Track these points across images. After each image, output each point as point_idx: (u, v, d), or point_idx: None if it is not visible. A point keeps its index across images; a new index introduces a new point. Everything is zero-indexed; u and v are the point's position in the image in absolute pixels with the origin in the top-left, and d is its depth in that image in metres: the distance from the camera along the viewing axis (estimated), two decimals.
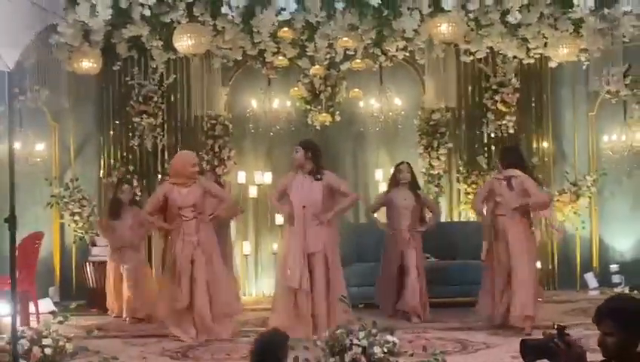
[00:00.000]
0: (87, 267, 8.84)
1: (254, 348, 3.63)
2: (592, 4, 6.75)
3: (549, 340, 3.25)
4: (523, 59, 8.98)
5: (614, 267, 9.27)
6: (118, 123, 9.67)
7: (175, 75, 9.57)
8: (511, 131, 9.46)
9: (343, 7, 6.95)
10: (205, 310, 6.66)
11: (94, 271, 8.78)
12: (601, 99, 9.19)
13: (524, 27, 7.85)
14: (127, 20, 7.20)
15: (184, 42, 7.24)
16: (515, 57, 9.08)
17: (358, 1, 6.94)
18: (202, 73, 9.61)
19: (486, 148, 9.52)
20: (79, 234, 9.14)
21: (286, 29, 7.78)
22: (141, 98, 9.42)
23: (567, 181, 9.43)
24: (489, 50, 8.92)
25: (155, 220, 6.98)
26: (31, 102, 8.37)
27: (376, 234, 8.18)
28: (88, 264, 8.84)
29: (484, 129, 9.57)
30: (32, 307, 7.62)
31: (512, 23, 7.14)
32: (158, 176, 9.48)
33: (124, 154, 9.60)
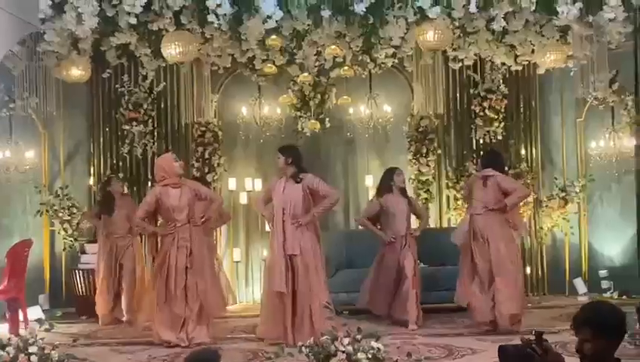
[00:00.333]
0: (77, 274, 8.84)
1: None
2: (577, 12, 6.77)
3: (527, 346, 3.28)
4: (511, 66, 9.04)
5: (603, 272, 9.27)
6: (107, 130, 9.68)
7: (165, 83, 9.59)
8: (499, 137, 9.53)
9: (329, 15, 6.97)
10: (196, 314, 6.70)
11: (84, 279, 8.78)
12: (588, 105, 9.23)
13: (511, 34, 7.89)
14: (114, 28, 7.20)
15: (172, 50, 7.25)
16: (503, 64, 9.14)
17: (345, 9, 6.96)
18: (192, 80, 9.64)
19: (475, 154, 9.54)
20: (69, 241, 9.13)
21: (274, 37, 7.81)
22: (131, 105, 9.44)
23: (556, 187, 9.47)
24: (476, 57, 8.98)
25: (147, 225, 6.98)
26: (20, 110, 8.37)
27: (366, 240, 8.20)
28: (78, 271, 8.84)
29: (473, 135, 9.62)
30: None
31: (497, 30, 7.16)
32: (149, 183, 9.49)
33: (114, 162, 9.62)
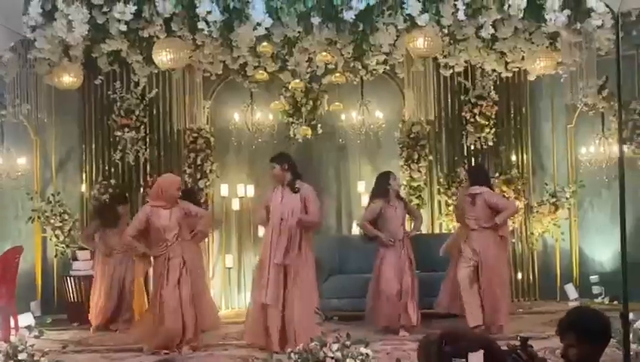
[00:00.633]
0: (68, 281, 8.83)
1: None
2: (565, 19, 6.81)
3: (512, 351, 3.31)
4: (501, 72, 9.09)
5: (594, 278, 9.29)
6: (99, 137, 9.69)
7: (157, 89, 9.60)
8: (490, 143, 9.57)
9: (319, 22, 6.99)
10: (192, 326, 6.72)
11: (75, 286, 8.77)
12: (578, 111, 9.27)
13: (501, 41, 7.94)
14: (105, 35, 7.22)
15: (163, 57, 7.26)
16: (493, 71, 9.19)
17: (335, 16, 6.98)
18: (184, 87, 9.65)
19: (466, 160, 9.59)
20: (61, 248, 9.13)
21: (265, 44, 7.84)
22: (123, 112, 9.45)
23: (547, 192, 9.51)
24: (467, 63, 9.02)
25: (137, 244, 6.89)
26: (12, 116, 8.37)
27: (358, 246, 8.22)
28: (69, 278, 8.83)
29: (464, 141, 9.66)
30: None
31: (486, 37, 7.20)
32: (140, 190, 9.51)
33: (106, 168, 9.62)
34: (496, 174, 9.51)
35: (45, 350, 5.56)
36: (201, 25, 6.71)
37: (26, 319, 8.19)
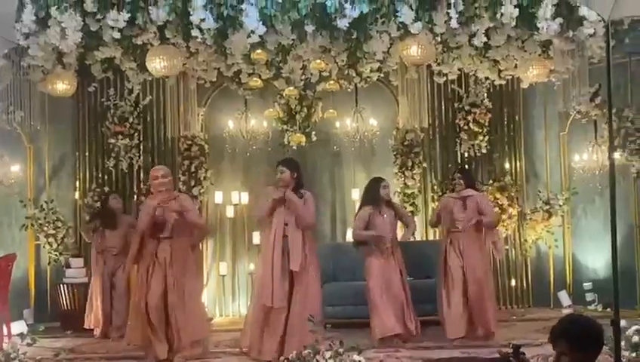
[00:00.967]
0: (62, 289, 8.81)
1: None
2: (557, 27, 6.85)
3: (505, 359, 3.31)
4: (494, 80, 9.12)
5: (587, 285, 9.31)
6: (93, 144, 9.69)
7: (151, 96, 9.62)
8: (484, 151, 9.61)
9: (313, 30, 7.01)
10: (178, 330, 6.58)
11: (69, 293, 8.75)
12: (571, 119, 9.31)
13: (494, 49, 7.97)
14: (99, 42, 7.22)
15: (157, 64, 7.26)
16: (487, 78, 9.22)
17: (328, 24, 7.00)
18: (178, 94, 9.66)
19: (460, 167, 9.60)
20: (54, 256, 9.10)
21: (260, 51, 7.85)
22: (117, 119, 9.46)
23: (540, 200, 9.54)
24: (460, 71, 9.05)
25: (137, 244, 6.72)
26: (5, 124, 8.36)
27: (353, 253, 8.20)
28: (63, 286, 8.81)
29: (458, 149, 9.69)
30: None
31: (479, 45, 7.23)
32: (134, 197, 9.50)
33: (100, 176, 9.62)
34: (490, 181, 9.55)
35: (38, 358, 5.56)
36: (194, 32, 6.72)
37: (18, 327, 8.16)
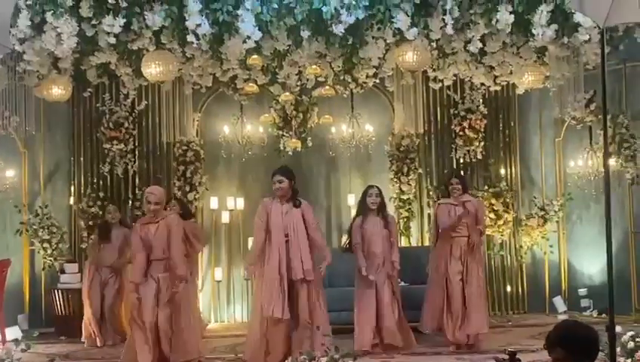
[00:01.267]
0: (56, 294, 8.77)
1: None
2: (552, 34, 6.87)
3: None
4: (490, 86, 9.14)
5: (583, 291, 9.32)
6: (88, 149, 9.67)
7: (146, 101, 9.61)
8: (479, 157, 9.62)
9: (308, 36, 7.02)
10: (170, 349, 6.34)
11: (63, 299, 8.71)
12: (567, 125, 9.33)
13: (489, 55, 7.99)
14: (94, 48, 7.22)
15: (152, 69, 7.26)
16: (482, 84, 9.25)
17: (324, 30, 7.01)
18: (173, 99, 9.67)
19: (455, 172, 9.57)
20: (48, 261, 9.07)
21: (255, 57, 7.85)
22: (112, 124, 9.44)
23: (535, 206, 9.54)
24: (456, 77, 9.08)
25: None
26: (1, 129, 8.34)
27: (348, 259, 8.18)
28: (57, 291, 8.77)
29: (454, 154, 9.71)
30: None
31: (474, 51, 7.25)
32: (129, 202, 9.48)
33: (95, 181, 9.60)
34: (485, 187, 9.56)
35: None
36: (190, 38, 6.73)
37: (13, 332, 8.14)
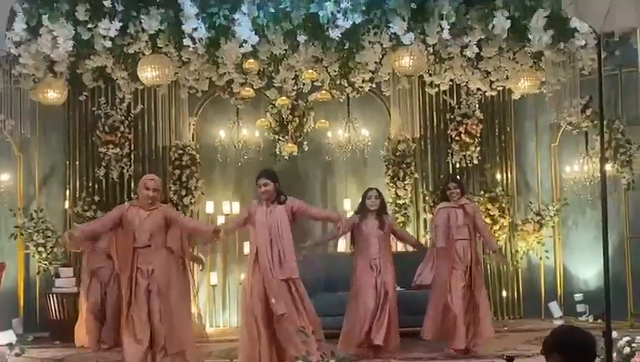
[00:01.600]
0: (51, 298, 8.73)
1: None
2: (548, 39, 6.88)
3: None
4: (486, 91, 9.14)
5: (578, 296, 9.33)
6: (84, 153, 9.64)
7: (142, 105, 9.60)
8: (475, 162, 9.64)
9: (305, 40, 7.02)
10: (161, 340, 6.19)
11: (58, 303, 8.68)
12: (562, 130, 9.34)
13: (485, 60, 8.00)
14: (90, 51, 7.20)
15: (148, 73, 7.25)
16: (478, 89, 9.25)
17: (321, 34, 7.01)
18: (169, 103, 9.65)
19: (452, 176, 9.58)
20: (43, 265, 9.04)
21: (251, 61, 7.85)
22: (107, 128, 9.42)
23: (531, 211, 9.56)
24: (452, 82, 9.08)
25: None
26: None
27: (345, 263, 8.17)
28: (52, 296, 8.74)
29: (450, 159, 9.71)
30: None
31: (470, 56, 7.26)
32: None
33: (90, 185, 9.57)
34: (481, 192, 9.57)
35: None
36: (186, 41, 6.72)
37: (7, 336, 8.11)
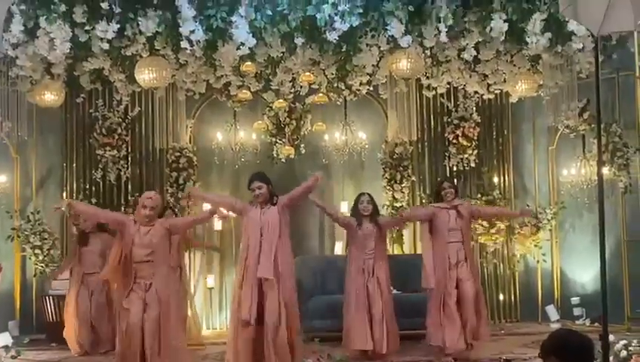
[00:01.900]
0: (47, 301, 8.71)
1: None
2: (546, 42, 6.89)
3: None
4: (483, 94, 9.16)
5: (575, 299, 9.33)
6: (81, 155, 9.63)
7: (139, 108, 9.59)
8: (472, 165, 9.64)
9: (302, 43, 7.02)
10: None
11: (54, 305, 8.65)
12: (560, 133, 9.35)
13: (483, 63, 8.01)
14: (88, 53, 7.20)
15: (145, 75, 7.25)
16: (475, 92, 9.26)
17: (318, 37, 7.01)
18: (167, 105, 9.65)
19: (447, 177, 9.58)
20: (40, 267, 9.02)
21: (249, 63, 7.85)
22: (105, 130, 9.41)
23: None
24: (449, 85, 9.09)
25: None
26: None
27: (341, 266, 8.17)
28: (48, 298, 8.71)
29: (447, 162, 9.71)
30: None
31: (468, 59, 7.27)
32: (122, 209, 9.43)
33: (87, 187, 9.55)
34: (479, 195, 9.57)
35: None
36: (184, 44, 6.72)
37: (3, 339, 8.09)
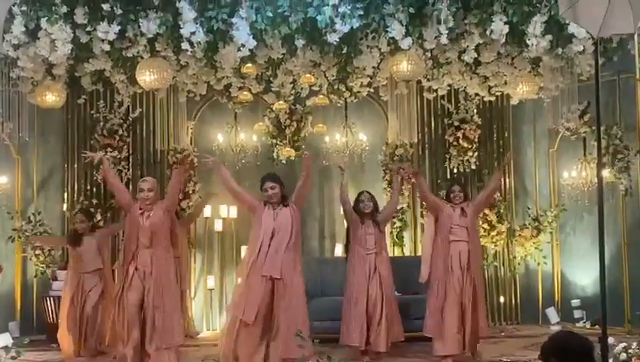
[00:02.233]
0: (48, 302, 8.72)
1: None
2: (546, 44, 6.88)
3: None
4: (484, 96, 9.16)
5: (576, 302, 9.33)
6: (82, 156, 9.62)
7: (140, 109, 9.60)
8: (473, 167, 9.64)
9: (303, 45, 7.03)
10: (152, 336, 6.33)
11: (55, 306, 8.64)
12: (561, 136, 9.35)
13: (484, 65, 8.01)
14: (89, 54, 7.21)
15: (146, 77, 7.24)
16: (476, 95, 9.27)
17: (319, 39, 7.02)
18: (168, 107, 9.66)
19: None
20: (41, 268, 9.03)
21: (250, 65, 7.86)
22: (106, 131, 9.43)
23: (529, 216, 9.57)
24: (450, 87, 9.09)
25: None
26: None
27: (341, 268, 8.17)
28: (49, 299, 8.72)
29: (447, 164, 9.71)
30: None
31: (468, 61, 7.27)
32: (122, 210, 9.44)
33: (88, 188, 9.56)
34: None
35: None
36: (185, 45, 6.72)
37: (4, 339, 8.08)
